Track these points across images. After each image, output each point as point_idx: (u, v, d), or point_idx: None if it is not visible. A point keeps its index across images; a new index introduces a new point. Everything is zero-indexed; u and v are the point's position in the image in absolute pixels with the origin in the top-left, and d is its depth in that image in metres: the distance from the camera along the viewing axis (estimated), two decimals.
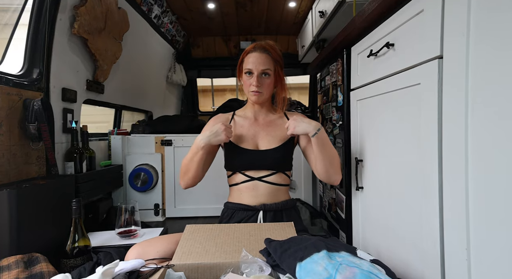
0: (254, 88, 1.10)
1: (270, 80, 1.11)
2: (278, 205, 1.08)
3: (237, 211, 1.10)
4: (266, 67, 1.09)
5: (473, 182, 0.55)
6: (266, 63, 1.09)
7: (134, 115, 2.60)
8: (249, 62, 1.10)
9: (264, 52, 1.10)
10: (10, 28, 1.19)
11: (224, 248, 0.81)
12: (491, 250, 0.52)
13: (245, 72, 1.12)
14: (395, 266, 0.82)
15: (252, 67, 1.09)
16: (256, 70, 1.08)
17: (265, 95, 1.13)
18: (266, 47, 1.11)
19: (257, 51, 1.10)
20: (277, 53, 1.13)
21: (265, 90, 1.11)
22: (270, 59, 1.10)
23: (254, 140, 1.13)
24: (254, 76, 1.09)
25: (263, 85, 1.10)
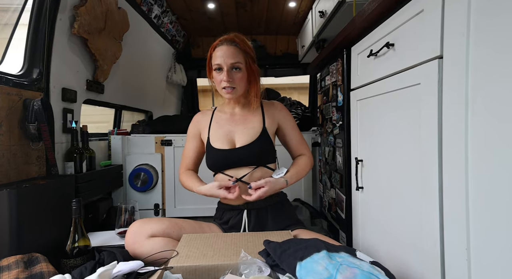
0: (225, 84, 1.04)
1: (242, 74, 1.05)
2: (261, 203, 1.08)
3: (225, 211, 1.13)
4: (235, 60, 1.03)
5: (473, 182, 0.55)
6: (235, 56, 1.03)
7: (134, 115, 2.60)
8: (217, 56, 1.04)
9: (232, 44, 1.04)
10: (10, 28, 1.19)
11: (222, 252, 0.81)
12: (491, 250, 0.52)
13: (214, 68, 1.06)
14: (395, 266, 0.82)
15: (221, 61, 1.03)
16: (225, 65, 1.03)
17: (239, 91, 1.08)
18: (233, 39, 1.05)
19: (224, 44, 1.04)
20: (247, 45, 1.07)
21: (237, 85, 1.06)
22: (239, 51, 1.04)
23: (230, 137, 1.11)
24: (224, 71, 1.03)
25: (235, 80, 1.05)
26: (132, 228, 1.00)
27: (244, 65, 1.05)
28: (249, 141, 1.08)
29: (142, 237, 0.96)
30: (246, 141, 1.08)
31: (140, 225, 1.00)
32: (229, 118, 1.15)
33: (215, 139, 1.11)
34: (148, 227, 0.98)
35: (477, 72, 0.54)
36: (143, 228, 0.98)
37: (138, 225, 1.00)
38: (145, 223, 1.00)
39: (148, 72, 2.48)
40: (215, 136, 1.12)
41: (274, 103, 1.20)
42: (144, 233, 0.96)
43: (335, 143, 1.34)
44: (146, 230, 0.97)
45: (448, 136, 0.61)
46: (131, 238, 0.97)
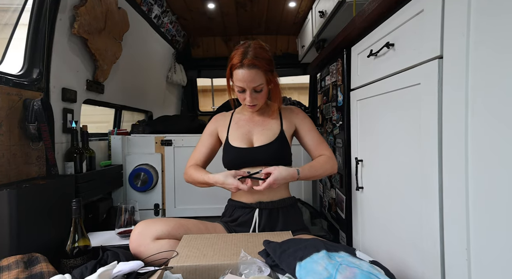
0: (249, 103, 1.09)
1: (264, 92, 1.10)
2: (274, 203, 1.08)
3: (236, 209, 1.12)
4: (257, 84, 1.05)
5: (473, 182, 0.55)
6: (257, 80, 1.04)
7: (134, 115, 2.60)
8: (238, 80, 1.05)
9: (253, 69, 1.03)
10: (10, 28, 1.19)
11: (222, 252, 0.81)
12: (491, 250, 0.52)
13: (237, 90, 1.09)
14: (395, 266, 0.82)
15: (243, 85, 1.05)
16: (248, 88, 1.06)
17: (261, 104, 1.13)
18: (253, 63, 1.02)
19: (245, 68, 1.03)
20: (266, 61, 1.05)
21: (260, 101, 1.11)
22: (261, 73, 1.04)
23: (249, 137, 1.14)
24: (247, 93, 1.07)
25: (257, 99, 1.10)
26: (137, 230, 0.97)
27: (265, 82, 1.08)
28: (266, 141, 1.11)
29: (147, 240, 0.94)
30: (264, 141, 1.11)
31: (145, 226, 0.97)
32: (248, 120, 1.19)
33: (234, 138, 1.14)
34: (153, 229, 0.95)
35: (477, 72, 0.54)
36: (148, 229, 0.96)
37: (142, 227, 0.97)
38: (150, 224, 0.98)
39: (148, 72, 2.48)
40: (234, 136, 1.15)
41: (292, 108, 1.24)
42: (150, 235, 0.94)
43: (335, 142, 1.34)
44: (151, 232, 0.95)
45: (448, 136, 0.61)
46: (136, 240, 0.95)
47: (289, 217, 1.09)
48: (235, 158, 1.10)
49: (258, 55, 1.04)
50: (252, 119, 1.19)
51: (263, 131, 1.14)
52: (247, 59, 1.02)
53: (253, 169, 1.08)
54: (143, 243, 0.93)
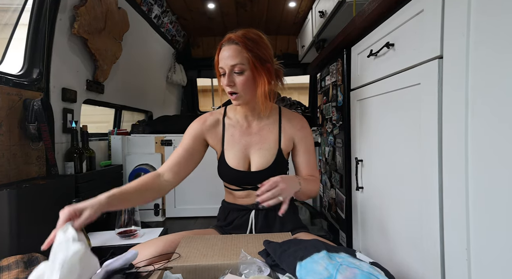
0: (228, 89, 0.94)
1: (245, 77, 0.93)
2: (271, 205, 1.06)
3: (231, 211, 1.09)
4: (235, 62, 0.91)
5: (473, 182, 0.55)
6: (235, 57, 0.91)
7: (134, 115, 2.60)
8: (220, 59, 0.94)
9: (232, 44, 0.92)
10: (10, 28, 1.19)
11: (222, 252, 0.81)
12: (491, 250, 0.52)
13: (220, 74, 0.96)
14: (395, 266, 0.82)
15: (223, 64, 0.93)
16: (226, 68, 0.92)
17: (244, 96, 0.96)
18: (234, 38, 0.92)
19: (226, 44, 0.93)
20: (252, 41, 0.93)
21: (240, 89, 0.94)
22: (241, 50, 0.91)
23: (246, 154, 1.03)
24: (225, 76, 0.93)
25: (237, 85, 0.93)
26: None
27: (248, 65, 0.92)
28: (264, 165, 1.02)
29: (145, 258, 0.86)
30: (261, 165, 1.02)
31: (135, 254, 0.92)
32: (244, 132, 1.05)
33: (230, 157, 1.03)
34: (142, 256, 0.86)
35: (477, 72, 0.54)
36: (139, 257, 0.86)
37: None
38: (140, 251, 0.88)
39: (148, 72, 2.49)
40: (230, 154, 1.03)
41: (296, 119, 1.07)
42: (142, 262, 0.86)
43: (335, 142, 1.34)
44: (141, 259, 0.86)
45: (448, 137, 0.61)
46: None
47: (286, 217, 1.08)
48: (233, 179, 1.05)
49: (245, 34, 0.93)
50: (248, 130, 1.05)
51: (260, 152, 1.03)
52: (230, 34, 0.94)
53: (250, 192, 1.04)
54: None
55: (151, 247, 0.91)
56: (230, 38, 0.94)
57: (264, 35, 1.00)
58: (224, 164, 1.04)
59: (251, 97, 0.98)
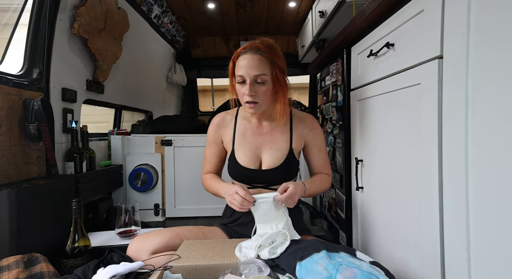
0: (248, 98, 0.94)
1: (267, 88, 0.95)
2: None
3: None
4: (260, 72, 0.92)
5: (473, 182, 0.55)
6: (259, 68, 0.92)
7: (134, 115, 2.60)
8: (239, 67, 0.94)
9: (257, 54, 0.93)
10: (10, 28, 1.19)
11: (222, 253, 0.81)
12: (491, 250, 0.52)
13: (237, 81, 0.96)
14: (395, 265, 0.82)
15: (244, 73, 0.93)
16: (248, 77, 0.93)
17: (263, 106, 0.97)
18: (258, 47, 0.93)
19: (249, 52, 0.94)
20: (275, 53, 0.96)
21: (261, 99, 0.95)
22: (265, 61, 0.93)
23: (257, 155, 1.04)
24: (247, 85, 0.93)
25: (258, 94, 0.94)
26: (132, 246, 0.94)
27: (270, 77, 0.94)
28: (275, 164, 1.02)
29: (144, 255, 0.91)
30: (272, 164, 1.03)
31: (140, 242, 0.94)
32: (255, 132, 1.06)
33: (241, 155, 1.04)
34: (149, 244, 0.92)
35: (477, 72, 0.54)
36: (144, 245, 0.92)
37: (138, 242, 0.94)
38: (145, 239, 0.95)
39: (148, 72, 2.49)
40: (241, 152, 1.05)
41: (307, 120, 1.09)
42: (146, 250, 0.91)
43: (335, 142, 1.34)
44: (147, 247, 0.92)
45: (448, 137, 0.61)
46: (132, 257, 0.92)
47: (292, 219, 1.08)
48: (243, 177, 1.05)
49: (266, 43, 0.95)
50: (260, 130, 1.07)
51: (271, 151, 1.04)
52: (252, 44, 0.94)
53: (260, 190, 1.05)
54: (140, 259, 0.89)
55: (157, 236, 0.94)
56: (255, 47, 0.94)
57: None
58: (235, 162, 1.06)
59: (266, 107, 1.01)
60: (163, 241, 0.93)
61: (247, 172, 1.04)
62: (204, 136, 1.82)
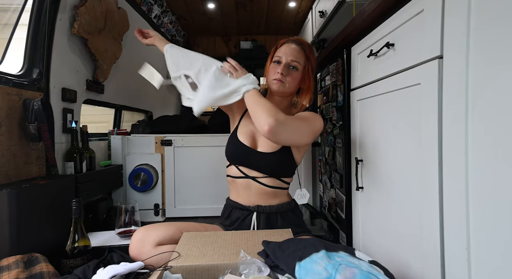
0: (278, 76, 1.04)
1: (297, 74, 1.06)
2: (272, 208, 1.07)
3: (234, 209, 1.11)
4: (295, 59, 1.05)
5: (473, 181, 0.55)
6: (297, 56, 1.05)
7: (134, 115, 2.60)
8: (281, 51, 1.07)
9: (299, 45, 1.07)
10: (10, 28, 1.19)
11: (222, 251, 0.81)
12: (491, 250, 0.52)
13: (273, 60, 1.08)
14: (395, 266, 0.82)
15: (282, 55, 1.05)
16: (285, 59, 1.05)
17: (287, 88, 1.06)
18: (301, 42, 1.08)
19: (292, 42, 1.08)
20: (312, 52, 1.10)
21: (288, 82, 1.05)
22: (303, 53, 1.06)
23: (255, 137, 1.10)
24: (282, 64, 1.05)
25: (288, 76, 1.05)
26: (137, 237, 0.93)
27: (302, 67, 1.07)
28: (269, 149, 1.05)
29: (148, 246, 0.90)
30: (267, 148, 1.06)
31: (145, 232, 0.94)
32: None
33: (242, 132, 1.11)
34: (154, 235, 0.92)
35: (477, 72, 0.54)
36: (149, 236, 0.92)
37: (142, 233, 0.94)
38: (150, 230, 0.95)
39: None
40: (243, 130, 1.12)
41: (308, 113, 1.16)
42: (150, 241, 0.91)
43: (335, 142, 1.34)
44: (152, 238, 0.91)
45: (448, 137, 0.61)
46: (136, 248, 0.91)
47: (289, 221, 1.08)
48: (236, 152, 1.08)
49: (307, 42, 1.10)
50: None
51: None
52: (296, 38, 1.09)
53: (252, 171, 1.06)
54: (144, 250, 0.90)
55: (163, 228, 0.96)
56: (299, 41, 1.09)
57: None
58: (235, 137, 1.10)
59: (289, 93, 1.10)
60: (168, 234, 0.94)
61: (242, 149, 1.07)
62: (204, 137, 1.83)
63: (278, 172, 1.07)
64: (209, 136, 1.81)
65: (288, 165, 1.08)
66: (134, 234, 0.95)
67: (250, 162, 1.06)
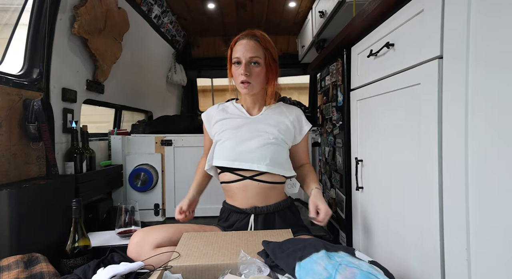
0: (242, 78, 1.02)
1: (260, 69, 1.04)
2: (270, 208, 1.06)
3: (232, 213, 1.10)
4: (254, 55, 1.02)
5: (473, 182, 0.55)
6: (254, 50, 1.02)
7: (134, 115, 2.60)
8: (237, 50, 1.04)
9: (252, 39, 1.04)
10: (10, 28, 1.19)
11: (222, 251, 0.81)
12: (491, 250, 0.52)
13: (233, 62, 1.05)
14: (395, 266, 0.82)
15: (240, 55, 1.02)
16: (244, 58, 1.02)
17: (256, 87, 1.05)
18: (254, 33, 1.04)
19: (245, 38, 1.04)
20: (268, 42, 1.06)
21: (254, 80, 1.04)
22: (259, 46, 1.03)
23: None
24: (242, 65, 1.02)
25: (252, 75, 1.03)
26: (135, 239, 0.93)
27: (263, 60, 1.04)
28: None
29: (147, 248, 0.90)
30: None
31: (143, 235, 0.93)
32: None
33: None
34: (153, 237, 0.92)
35: (477, 72, 0.54)
36: (147, 238, 0.91)
37: (141, 235, 0.93)
38: (149, 232, 0.94)
39: (148, 72, 2.49)
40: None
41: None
42: (149, 243, 0.90)
43: (335, 143, 1.34)
44: (150, 240, 0.91)
45: (448, 136, 0.61)
46: (135, 250, 0.91)
47: (286, 219, 1.08)
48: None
49: (260, 32, 1.07)
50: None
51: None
52: (248, 31, 1.06)
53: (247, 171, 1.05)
54: (143, 253, 0.89)
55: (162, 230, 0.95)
56: (251, 34, 1.05)
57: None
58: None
59: (259, 90, 1.09)
60: (167, 235, 0.93)
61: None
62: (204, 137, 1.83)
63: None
64: None
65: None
66: (132, 236, 0.94)
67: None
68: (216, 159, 1.08)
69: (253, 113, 1.15)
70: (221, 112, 1.17)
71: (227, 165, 1.05)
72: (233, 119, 1.13)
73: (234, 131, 1.08)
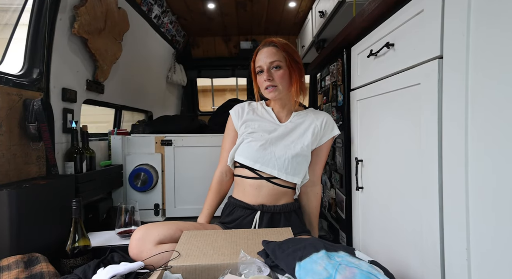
0: (267, 83, 1.05)
1: (283, 72, 1.06)
2: (277, 208, 1.07)
3: (237, 208, 1.11)
4: (274, 59, 1.05)
5: (473, 182, 0.55)
6: (274, 55, 1.05)
7: (134, 115, 2.60)
8: (258, 60, 1.08)
9: (270, 46, 1.08)
10: (10, 28, 1.19)
11: (222, 250, 0.81)
12: (491, 250, 0.52)
13: (257, 71, 1.09)
14: (395, 265, 0.82)
15: (261, 63, 1.06)
16: (265, 65, 1.06)
17: (282, 90, 1.07)
18: (272, 40, 1.09)
19: (264, 47, 1.09)
20: (286, 44, 1.09)
21: (279, 82, 1.06)
22: (278, 50, 1.06)
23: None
24: (264, 72, 1.06)
25: (275, 78, 1.05)
26: (137, 235, 0.91)
27: (285, 63, 1.06)
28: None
29: (148, 245, 0.89)
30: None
31: (145, 231, 0.92)
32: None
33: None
34: (155, 233, 0.91)
35: (477, 72, 0.54)
36: (149, 234, 0.90)
37: (143, 232, 0.92)
38: (150, 228, 0.93)
39: (148, 72, 2.49)
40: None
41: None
42: (151, 240, 0.89)
43: (335, 143, 1.34)
44: (152, 236, 0.90)
45: (448, 136, 0.61)
46: (137, 247, 0.89)
47: (291, 221, 1.08)
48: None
49: (278, 39, 1.10)
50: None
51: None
52: (266, 40, 1.10)
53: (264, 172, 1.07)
54: (145, 249, 0.88)
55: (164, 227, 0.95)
56: (269, 41, 1.09)
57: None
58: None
59: (285, 92, 1.10)
60: (169, 232, 0.93)
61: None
62: (204, 137, 1.84)
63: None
64: (209, 137, 1.81)
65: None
66: (134, 233, 0.93)
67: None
68: (239, 156, 1.11)
69: (282, 119, 1.16)
70: (250, 113, 1.18)
71: (248, 164, 1.08)
72: (263, 123, 1.14)
73: (262, 134, 1.10)
